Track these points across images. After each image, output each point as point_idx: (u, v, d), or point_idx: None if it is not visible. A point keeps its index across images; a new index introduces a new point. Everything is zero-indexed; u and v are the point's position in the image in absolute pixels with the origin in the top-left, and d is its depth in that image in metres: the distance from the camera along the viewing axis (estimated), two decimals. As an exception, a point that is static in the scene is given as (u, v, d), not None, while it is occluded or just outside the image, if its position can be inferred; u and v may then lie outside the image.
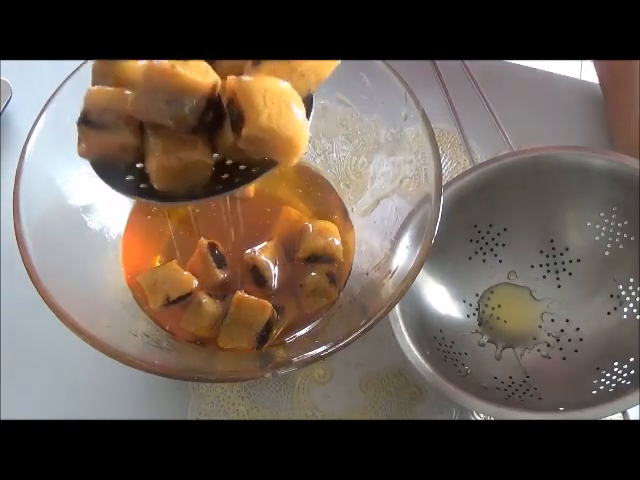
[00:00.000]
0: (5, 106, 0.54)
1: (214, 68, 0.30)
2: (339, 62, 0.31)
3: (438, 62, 0.54)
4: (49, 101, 0.39)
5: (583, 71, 0.93)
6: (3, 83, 0.55)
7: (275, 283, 0.44)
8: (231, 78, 0.27)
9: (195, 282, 0.43)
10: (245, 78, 0.27)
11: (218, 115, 0.28)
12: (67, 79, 0.40)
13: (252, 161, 0.29)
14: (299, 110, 0.27)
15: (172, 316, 0.42)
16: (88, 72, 0.39)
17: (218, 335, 0.41)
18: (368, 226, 0.46)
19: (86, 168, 0.42)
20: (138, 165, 0.30)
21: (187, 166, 0.28)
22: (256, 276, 0.43)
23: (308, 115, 0.30)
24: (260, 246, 0.44)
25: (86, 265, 0.42)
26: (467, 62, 0.54)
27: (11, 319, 0.48)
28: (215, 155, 0.30)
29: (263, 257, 0.43)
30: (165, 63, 0.27)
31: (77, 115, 0.39)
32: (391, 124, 0.43)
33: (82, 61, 0.40)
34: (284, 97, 0.26)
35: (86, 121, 0.30)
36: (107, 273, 0.43)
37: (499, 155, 0.47)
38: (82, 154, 0.30)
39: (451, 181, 0.46)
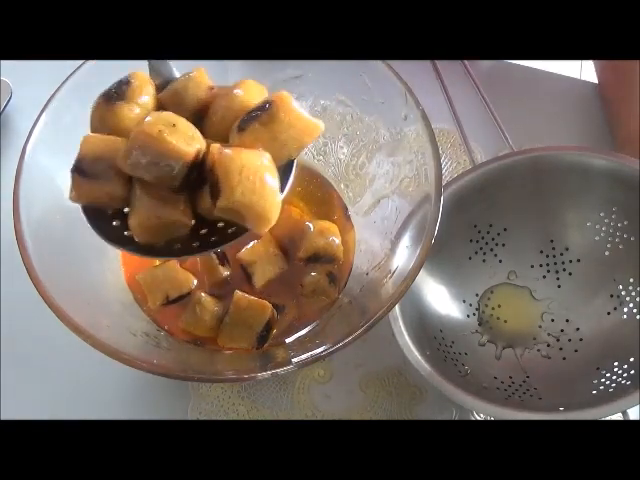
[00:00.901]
0: (5, 106, 0.54)
1: (204, 127, 0.31)
2: (322, 129, 0.31)
3: (438, 62, 0.54)
4: (49, 101, 0.39)
5: (583, 71, 0.93)
6: (3, 83, 0.55)
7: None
8: (214, 147, 0.28)
9: (194, 282, 0.43)
10: (226, 151, 0.28)
11: (201, 177, 0.29)
12: (67, 79, 0.40)
13: (230, 221, 0.30)
14: (273, 185, 0.28)
15: (172, 316, 0.43)
16: (88, 72, 0.40)
17: (218, 335, 0.41)
18: (368, 226, 0.46)
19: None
20: (125, 210, 0.31)
21: (166, 224, 0.29)
22: (246, 273, 0.43)
23: (287, 179, 0.31)
24: (251, 244, 0.44)
25: (86, 265, 0.41)
26: (467, 62, 0.54)
27: (11, 319, 0.48)
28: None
29: (249, 254, 0.43)
30: (153, 127, 0.28)
31: (77, 115, 0.39)
32: (391, 124, 0.43)
33: (82, 61, 0.40)
34: (259, 174, 0.27)
35: (78, 169, 0.30)
36: (107, 273, 0.43)
37: (499, 155, 0.47)
38: (73, 200, 0.31)
39: (451, 181, 0.46)
